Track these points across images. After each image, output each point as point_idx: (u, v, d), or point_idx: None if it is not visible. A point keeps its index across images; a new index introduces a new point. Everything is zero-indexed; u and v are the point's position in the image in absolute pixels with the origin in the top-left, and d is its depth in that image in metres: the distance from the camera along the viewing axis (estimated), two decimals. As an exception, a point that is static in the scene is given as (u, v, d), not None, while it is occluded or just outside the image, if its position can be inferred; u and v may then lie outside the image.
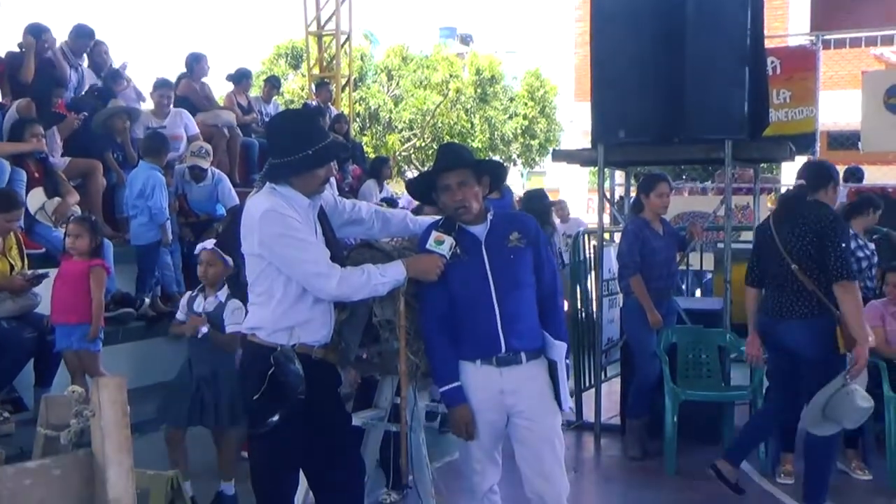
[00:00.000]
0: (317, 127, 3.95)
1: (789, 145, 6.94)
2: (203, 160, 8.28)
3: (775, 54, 10.91)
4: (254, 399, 3.60)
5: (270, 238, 3.56)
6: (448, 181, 3.83)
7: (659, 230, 6.67)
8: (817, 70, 10.89)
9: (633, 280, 6.51)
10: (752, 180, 7.82)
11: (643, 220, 6.65)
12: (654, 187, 6.63)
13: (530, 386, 3.83)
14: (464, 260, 3.80)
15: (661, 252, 6.59)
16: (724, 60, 6.57)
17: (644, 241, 6.53)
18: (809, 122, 10.79)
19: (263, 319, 3.66)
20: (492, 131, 28.89)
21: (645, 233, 6.56)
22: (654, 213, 6.68)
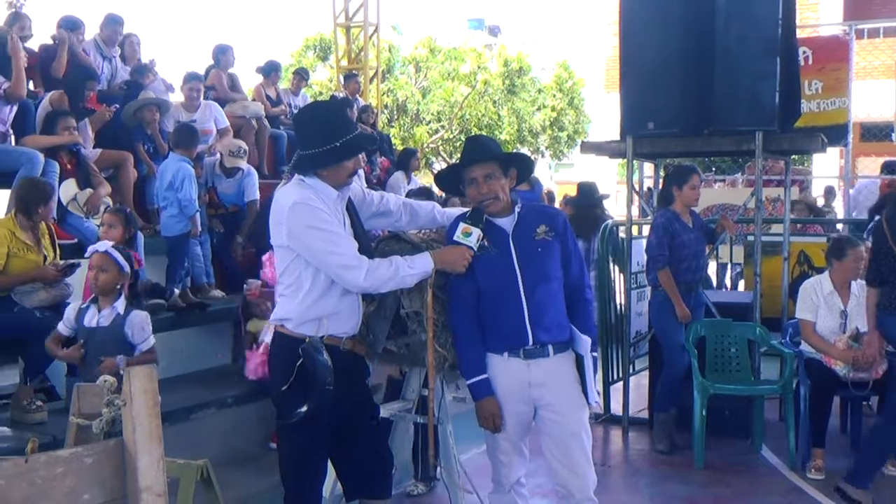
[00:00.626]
0: (344, 118, 3.96)
1: (821, 137, 6.88)
2: (241, 160, 8.32)
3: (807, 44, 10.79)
4: (282, 390, 3.62)
5: (299, 230, 3.57)
6: (474, 174, 3.84)
7: (688, 223, 6.59)
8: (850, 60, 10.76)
9: (662, 274, 6.45)
10: (782, 172, 7.75)
11: (673, 213, 6.56)
12: (687, 179, 6.53)
13: (558, 379, 3.83)
14: (491, 252, 3.80)
15: (691, 245, 6.52)
16: (755, 51, 6.52)
17: (674, 234, 6.45)
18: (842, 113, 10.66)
19: (291, 311, 3.68)
20: (520, 123, 28.82)
21: (675, 226, 6.48)
22: (685, 205, 6.59)
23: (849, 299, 6.23)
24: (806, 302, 6.30)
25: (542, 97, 29.95)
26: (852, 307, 6.20)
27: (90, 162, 7.51)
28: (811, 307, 6.26)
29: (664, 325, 6.61)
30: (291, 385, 3.59)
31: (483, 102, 28.56)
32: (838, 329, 6.19)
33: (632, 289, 7.59)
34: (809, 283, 6.38)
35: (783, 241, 7.25)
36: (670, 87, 6.75)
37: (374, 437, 3.89)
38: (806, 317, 6.28)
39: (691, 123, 6.76)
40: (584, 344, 3.86)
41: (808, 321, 6.26)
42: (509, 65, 29.08)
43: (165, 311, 6.89)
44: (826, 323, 6.22)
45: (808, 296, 6.30)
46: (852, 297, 6.22)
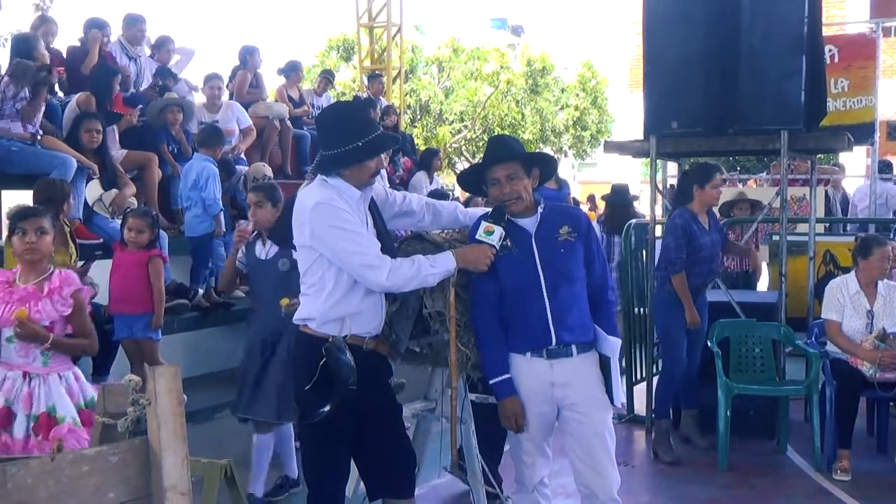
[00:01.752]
0: (367, 118, 3.97)
1: (847, 136, 6.82)
2: None
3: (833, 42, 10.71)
4: (305, 389, 3.63)
5: (322, 230, 3.58)
6: (497, 174, 3.84)
7: (705, 224, 6.40)
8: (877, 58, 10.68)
9: (677, 278, 6.26)
10: (808, 171, 7.70)
11: (691, 213, 6.34)
12: (710, 178, 6.34)
13: (581, 379, 3.83)
14: (514, 253, 3.81)
15: (706, 248, 6.33)
16: (780, 49, 6.48)
17: (691, 236, 6.26)
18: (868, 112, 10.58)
19: (315, 310, 3.69)
20: (543, 123, 28.78)
21: (692, 227, 6.28)
22: (705, 205, 6.41)
23: (875, 299, 6.18)
24: (832, 302, 6.25)
25: (566, 97, 29.90)
26: (879, 307, 6.16)
27: (116, 163, 7.57)
28: (837, 307, 6.22)
29: (668, 325, 6.46)
30: (314, 384, 3.60)
31: (506, 102, 28.54)
32: (864, 329, 6.14)
33: (655, 288, 7.55)
34: (835, 283, 6.34)
35: (809, 240, 7.20)
36: (694, 86, 6.72)
37: (397, 436, 3.90)
38: (832, 317, 6.24)
39: (715, 122, 6.73)
40: (611, 345, 3.86)
41: (834, 321, 6.22)
42: (532, 64, 29.04)
43: (189, 311, 6.92)
44: (852, 323, 6.18)
45: (833, 295, 6.26)
46: (879, 296, 6.18)
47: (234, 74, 10.65)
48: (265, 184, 6.08)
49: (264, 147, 10.02)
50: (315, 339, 3.65)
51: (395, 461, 3.84)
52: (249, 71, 10.63)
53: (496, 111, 28.31)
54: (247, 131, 9.35)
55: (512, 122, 28.17)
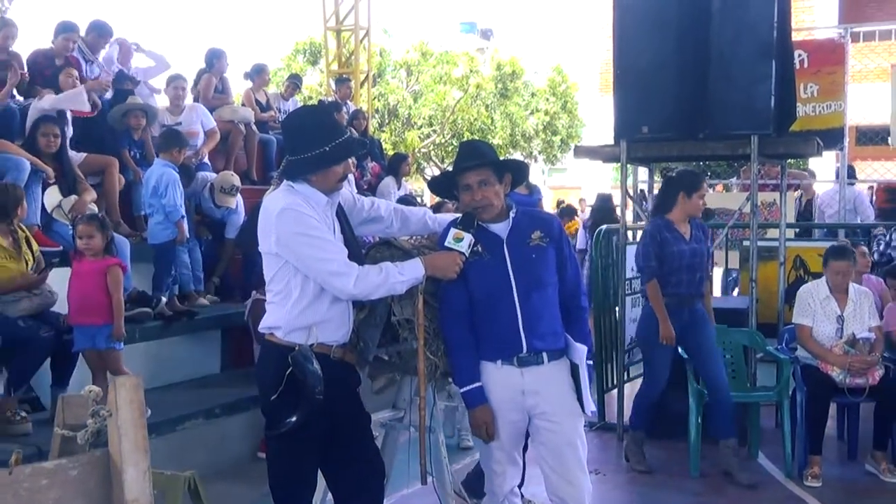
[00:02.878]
0: (334, 123, 3.97)
1: (817, 141, 6.90)
2: (231, 199, 8.29)
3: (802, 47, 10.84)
4: (271, 399, 3.61)
5: (287, 236, 3.56)
6: (468, 181, 3.84)
7: (685, 233, 6.20)
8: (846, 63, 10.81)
9: (649, 286, 6.16)
10: (778, 176, 7.77)
11: (665, 222, 6.19)
12: (697, 187, 6.16)
13: (552, 387, 3.83)
14: (485, 259, 3.80)
15: (685, 257, 6.14)
16: (750, 54, 6.54)
17: (663, 243, 6.13)
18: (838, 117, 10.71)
19: (280, 318, 3.67)
20: (513, 127, 28.86)
21: (664, 235, 6.14)
22: (687, 214, 6.22)
23: (846, 304, 6.25)
24: (803, 307, 6.32)
25: (536, 101, 30.00)
26: (849, 312, 6.22)
27: (75, 167, 7.49)
28: (808, 312, 6.28)
29: (648, 338, 6.32)
30: (281, 394, 3.57)
31: (475, 106, 28.59)
32: (835, 335, 6.21)
33: (626, 294, 7.58)
34: (806, 289, 6.42)
35: (779, 245, 7.26)
36: (665, 91, 6.76)
37: (366, 446, 3.88)
38: (803, 322, 6.30)
39: (686, 127, 6.78)
40: (579, 353, 3.86)
41: (805, 326, 6.28)
42: (502, 68, 29.12)
43: (152, 320, 6.86)
44: (822, 328, 6.24)
45: (804, 300, 6.33)
46: (850, 302, 6.25)
47: (199, 78, 10.58)
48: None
49: (229, 152, 9.97)
50: (281, 348, 3.63)
51: (364, 472, 3.82)
52: (215, 75, 10.57)
53: (465, 115, 28.35)
54: (210, 133, 9.29)
55: (481, 127, 28.22)
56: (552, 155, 30.93)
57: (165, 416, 6.02)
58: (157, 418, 5.61)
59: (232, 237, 8.42)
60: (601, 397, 7.58)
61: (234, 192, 8.29)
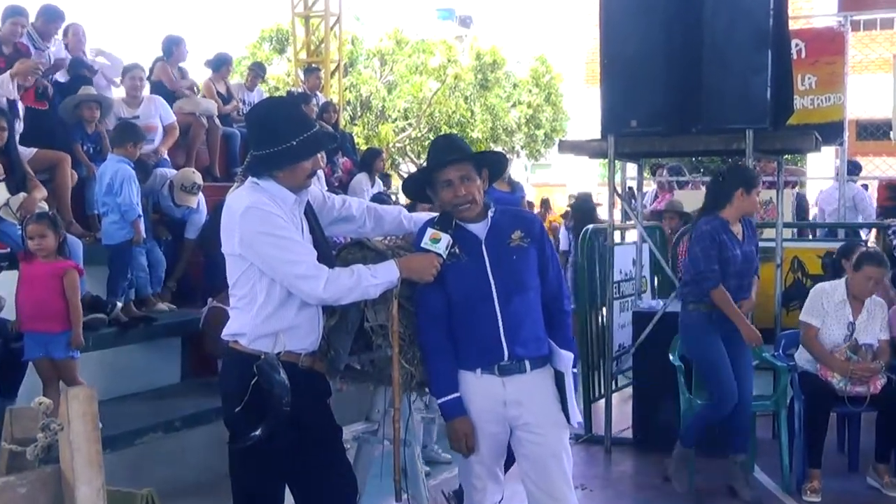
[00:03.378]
0: (302, 115, 3.95)
1: (815, 135, 6.95)
2: (193, 198, 8.24)
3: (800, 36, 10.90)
4: (235, 411, 3.60)
5: (252, 237, 3.55)
6: (449, 176, 3.83)
7: (738, 234, 6.00)
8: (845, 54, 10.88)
9: (716, 293, 5.85)
10: (774, 173, 7.82)
11: (721, 222, 5.95)
12: (756, 184, 6.00)
13: (535, 397, 3.83)
14: (463, 261, 3.80)
15: (737, 262, 5.94)
16: (745, 43, 6.58)
17: (721, 246, 5.90)
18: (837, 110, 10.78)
19: (245, 325, 3.66)
20: (493, 121, 28.90)
21: (723, 236, 5.92)
22: (741, 213, 6.01)
23: (860, 313, 6.26)
24: (815, 306, 6.31)
25: (518, 93, 30.07)
26: (861, 321, 6.23)
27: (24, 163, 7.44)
28: (819, 312, 6.29)
29: (705, 353, 6.01)
30: (245, 406, 3.56)
31: (454, 98, 28.62)
32: (842, 342, 6.21)
33: (614, 298, 7.62)
34: (822, 288, 6.38)
35: (776, 246, 7.31)
36: (655, 82, 6.79)
37: (337, 461, 3.87)
38: (811, 321, 6.30)
39: (677, 121, 6.81)
40: (564, 360, 3.86)
41: (813, 326, 6.28)
42: (482, 58, 29.16)
43: (107, 327, 6.83)
44: (831, 332, 6.25)
45: (818, 299, 6.32)
46: (864, 310, 6.25)
47: (154, 66, 10.52)
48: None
49: (190, 146, 9.93)
50: (246, 357, 3.62)
51: (334, 488, 3.81)
52: (172, 64, 10.52)
53: (443, 108, 28.38)
54: (170, 128, 9.25)
55: (460, 120, 28.25)
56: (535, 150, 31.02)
57: (121, 430, 5.99)
58: (112, 432, 5.58)
59: (193, 237, 8.38)
60: (587, 407, 7.60)
61: (195, 190, 8.25)
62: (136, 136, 7.73)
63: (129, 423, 6.22)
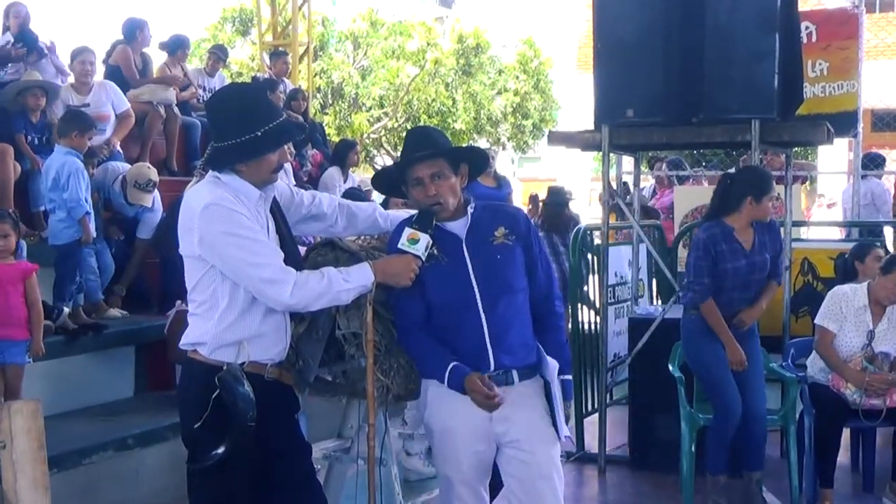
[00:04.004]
0: (267, 103, 3.96)
1: (826, 126, 6.97)
2: (147, 197, 8.19)
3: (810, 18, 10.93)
4: (195, 428, 3.59)
5: (212, 237, 3.55)
6: (419, 174, 3.83)
7: (746, 241, 5.99)
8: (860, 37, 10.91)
9: (704, 307, 5.95)
10: (783, 167, 7.86)
11: (723, 230, 5.96)
12: (768, 189, 5.96)
13: (524, 410, 3.84)
14: (442, 262, 3.81)
15: (740, 274, 5.94)
16: (751, 26, 6.60)
17: (718, 258, 5.91)
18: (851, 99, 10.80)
19: (206, 333, 3.65)
20: (477, 109, 28.88)
21: (720, 248, 5.93)
22: (752, 219, 6.00)
23: (880, 320, 6.28)
24: (832, 310, 6.31)
25: (504, 79, 30.05)
26: (881, 329, 6.24)
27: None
28: (837, 317, 6.29)
29: (702, 359, 6.09)
30: (206, 422, 3.57)
31: (433, 85, 28.58)
32: (860, 350, 6.23)
33: (609, 304, 7.63)
34: (842, 291, 6.38)
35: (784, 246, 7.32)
36: (652, 69, 6.80)
37: (306, 481, 3.87)
38: (827, 325, 6.30)
39: (677, 110, 6.82)
40: (550, 368, 3.87)
41: (829, 331, 6.28)
42: (464, 41, 29.14)
43: (53, 335, 6.79)
44: (849, 340, 6.24)
45: (836, 303, 6.32)
46: (884, 318, 6.27)
47: (112, 49, 10.46)
48: None
49: (145, 138, 9.89)
50: (206, 368, 3.62)
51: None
52: (135, 49, 10.48)
53: (422, 96, 28.35)
54: (123, 117, 9.21)
55: (441, 109, 28.22)
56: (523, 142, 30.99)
57: (69, 448, 5.95)
58: (58, 450, 5.54)
59: (147, 238, 8.34)
60: (580, 423, 7.61)
61: (149, 187, 8.19)
62: (83, 124, 7.67)
63: (78, 441, 6.19)
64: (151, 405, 7.19)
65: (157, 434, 6.56)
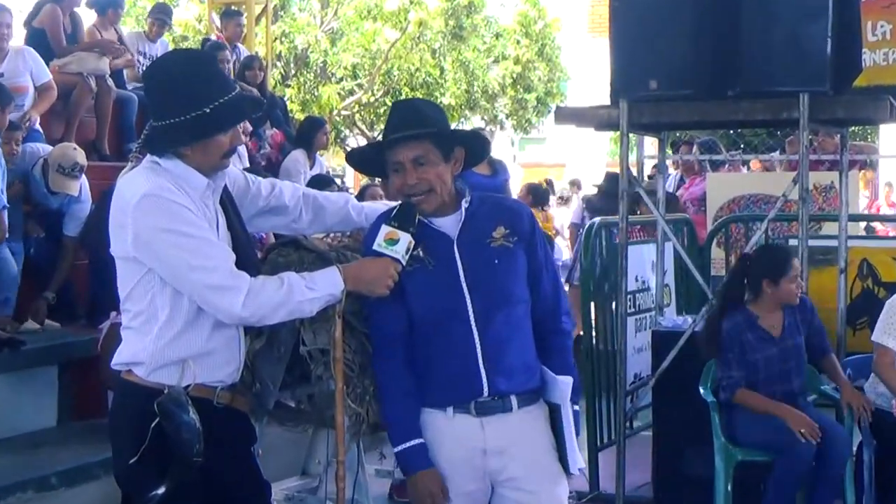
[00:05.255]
0: (218, 74, 3.95)
1: (889, 100, 6.97)
2: (72, 183, 8.16)
3: (870, -29, 10.96)
4: (130, 464, 3.59)
5: (149, 234, 3.54)
6: (399, 157, 3.82)
7: (774, 327, 6.23)
8: (929, -7, 10.95)
9: (740, 398, 6.17)
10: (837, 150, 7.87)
11: (746, 317, 6.24)
12: (786, 270, 6.15)
13: (524, 443, 3.85)
14: (429, 267, 3.80)
15: (773, 363, 6.15)
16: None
17: (744, 348, 6.14)
18: (919, 68, 10.84)
19: (143, 351, 3.65)
20: (469, 81, 28.86)
21: (745, 337, 6.15)
22: (777, 304, 6.27)
23: None
24: (892, 323, 6.33)
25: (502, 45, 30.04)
26: None
27: None
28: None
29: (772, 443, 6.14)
30: (143, 456, 3.57)
31: (417, 52, 28.56)
32: None
33: (628, 314, 7.61)
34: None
35: (839, 245, 7.33)
36: (681, 32, 6.80)
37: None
38: (886, 343, 6.29)
39: (710, 82, 6.81)
40: (560, 388, 3.88)
41: (889, 349, 6.28)
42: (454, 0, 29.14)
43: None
44: None
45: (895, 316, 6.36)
46: None
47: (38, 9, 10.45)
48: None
49: (71, 114, 9.89)
50: (144, 392, 3.62)
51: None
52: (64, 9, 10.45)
53: (403, 64, 28.32)
54: (44, 90, 9.20)
55: (426, 81, 28.19)
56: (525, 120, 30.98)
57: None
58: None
59: (74, 234, 8.32)
60: (593, 457, 7.61)
61: (76, 172, 8.18)
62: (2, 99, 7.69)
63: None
64: (78, 436, 7.20)
65: (86, 471, 6.56)
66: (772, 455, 6.15)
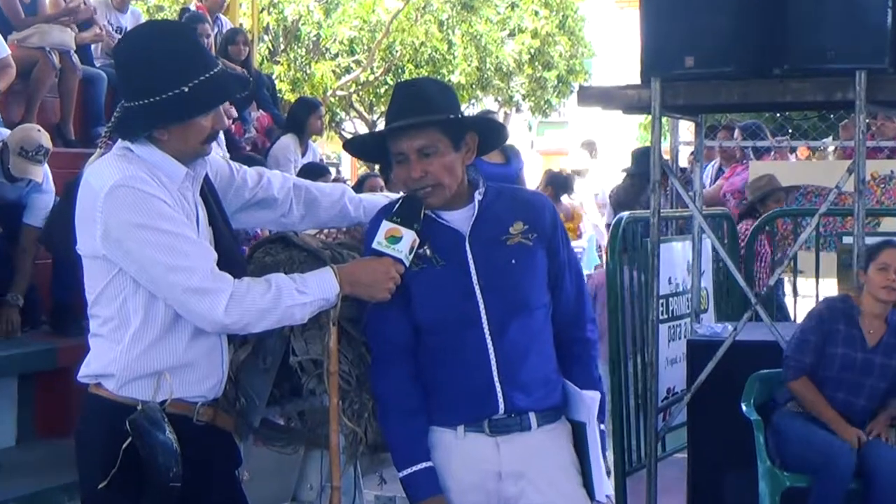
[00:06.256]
0: (196, 48, 3.93)
1: (958, 80, 6.98)
2: (36, 168, 8.16)
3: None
4: (98, 488, 3.59)
5: (121, 230, 3.54)
6: (402, 148, 3.82)
7: (872, 333, 6.30)
8: None
9: (796, 386, 6.30)
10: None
11: (848, 307, 6.38)
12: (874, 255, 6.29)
13: (545, 466, 3.86)
14: (437, 267, 3.81)
15: (851, 369, 6.24)
16: (853, -55, 6.61)
17: (829, 337, 6.22)
18: None
19: (113, 362, 3.65)
20: (481, 57, 28.87)
21: (836, 326, 6.24)
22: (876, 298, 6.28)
23: None
24: None
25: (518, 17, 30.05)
26: None
27: None
28: None
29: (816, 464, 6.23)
30: (113, 480, 3.57)
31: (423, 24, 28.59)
32: None
33: (660, 321, 7.60)
34: None
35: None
36: (721, 2, 6.80)
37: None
38: None
39: (753, 59, 6.81)
40: (586, 404, 3.88)
41: None
42: (464, -36, 29.18)
43: None
44: None
45: None
46: None
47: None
48: None
49: (33, 94, 9.91)
50: (114, 408, 3.63)
51: None
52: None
53: (407, 38, 28.33)
54: (1, 67, 9.21)
55: (432, 57, 28.20)
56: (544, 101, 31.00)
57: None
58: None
59: (37, 225, 8.32)
60: (621, 482, 7.61)
61: (39, 156, 8.20)
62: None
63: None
64: (41, 458, 7.21)
65: (48, 498, 6.58)
66: (811, 476, 6.21)
